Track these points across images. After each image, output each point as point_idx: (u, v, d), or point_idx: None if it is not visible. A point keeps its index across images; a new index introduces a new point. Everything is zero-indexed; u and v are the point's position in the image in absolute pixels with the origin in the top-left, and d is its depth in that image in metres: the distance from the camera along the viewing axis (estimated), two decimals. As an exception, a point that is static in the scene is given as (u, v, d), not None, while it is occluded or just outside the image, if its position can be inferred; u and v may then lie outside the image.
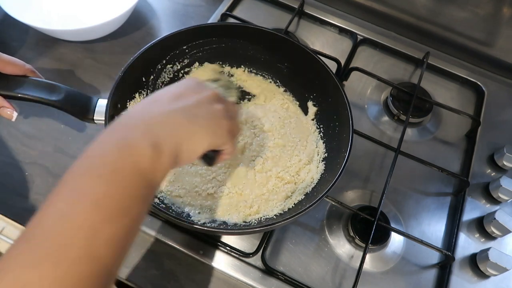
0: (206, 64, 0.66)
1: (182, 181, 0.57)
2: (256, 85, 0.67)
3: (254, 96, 0.67)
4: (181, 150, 0.36)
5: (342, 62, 0.74)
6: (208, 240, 0.56)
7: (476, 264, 0.59)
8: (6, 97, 0.52)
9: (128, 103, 0.57)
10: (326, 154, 0.60)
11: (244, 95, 0.67)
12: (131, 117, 0.36)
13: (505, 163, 0.67)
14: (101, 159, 0.31)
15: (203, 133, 0.38)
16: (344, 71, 0.74)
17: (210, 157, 0.44)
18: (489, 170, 0.69)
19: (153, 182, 0.33)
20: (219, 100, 0.42)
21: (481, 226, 0.63)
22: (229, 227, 0.52)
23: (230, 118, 0.43)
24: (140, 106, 0.38)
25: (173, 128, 0.36)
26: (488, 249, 0.58)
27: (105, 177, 0.30)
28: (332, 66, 0.70)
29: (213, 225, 0.53)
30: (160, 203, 0.53)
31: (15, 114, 0.53)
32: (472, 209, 0.64)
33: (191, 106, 0.39)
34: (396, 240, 0.60)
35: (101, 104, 0.53)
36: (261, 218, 0.54)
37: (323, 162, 0.59)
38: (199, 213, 0.54)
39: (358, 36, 0.80)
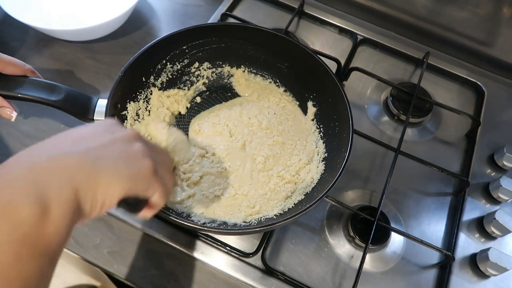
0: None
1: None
2: (250, 85, 0.68)
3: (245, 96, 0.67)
4: (84, 200, 0.29)
5: (342, 62, 0.74)
6: (208, 240, 0.56)
7: (476, 264, 0.59)
8: (6, 97, 0.52)
9: (128, 103, 0.57)
10: (326, 154, 0.60)
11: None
12: (13, 166, 0.29)
13: (505, 163, 0.67)
14: None
15: (112, 178, 0.31)
16: (344, 71, 0.74)
17: (131, 204, 0.36)
18: (489, 170, 0.69)
19: (46, 247, 0.26)
20: (139, 140, 0.36)
21: (481, 226, 0.63)
22: (229, 227, 0.52)
23: (154, 159, 0.36)
24: (30, 150, 0.30)
25: (67, 174, 0.29)
26: (488, 249, 0.58)
27: None
28: (332, 66, 0.70)
29: (213, 225, 0.53)
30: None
31: (14, 114, 0.53)
32: (472, 209, 0.64)
33: (97, 146, 0.32)
34: (396, 240, 0.60)
35: (101, 104, 0.53)
36: (261, 218, 0.54)
37: (323, 162, 0.59)
38: (201, 213, 0.54)
39: (358, 36, 0.80)
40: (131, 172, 0.33)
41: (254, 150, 0.60)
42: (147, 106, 0.61)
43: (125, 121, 0.57)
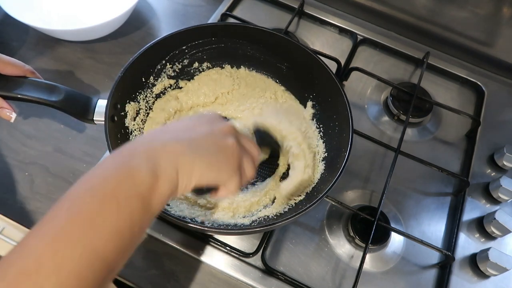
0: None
1: None
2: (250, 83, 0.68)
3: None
4: (180, 180, 0.36)
5: (342, 62, 0.74)
6: (208, 240, 0.56)
7: (476, 264, 0.59)
8: (5, 98, 0.52)
9: (127, 103, 0.57)
10: (326, 154, 0.60)
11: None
12: (136, 144, 0.36)
13: (505, 163, 0.67)
14: (102, 182, 0.31)
15: (203, 166, 0.37)
16: (344, 71, 0.74)
17: (203, 190, 0.41)
18: (489, 170, 0.69)
19: (150, 208, 0.33)
20: (234, 135, 0.41)
21: (481, 226, 0.63)
22: (229, 227, 0.52)
23: (243, 156, 0.41)
24: (147, 135, 0.39)
25: (173, 157, 0.35)
26: (488, 249, 0.58)
27: (103, 197, 0.30)
28: (332, 66, 0.70)
29: (213, 225, 0.52)
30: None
31: (13, 115, 0.53)
32: (472, 209, 0.64)
33: (198, 137, 0.38)
34: (396, 240, 0.60)
35: (101, 104, 0.53)
36: (261, 218, 0.54)
37: (323, 162, 0.59)
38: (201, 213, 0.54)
39: (358, 36, 0.80)
40: (219, 166, 0.39)
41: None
42: (147, 107, 0.61)
43: (125, 119, 0.57)
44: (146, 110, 0.61)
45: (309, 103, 0.64)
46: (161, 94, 0.63)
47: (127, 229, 0.31)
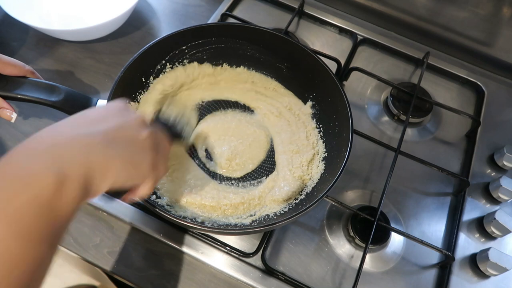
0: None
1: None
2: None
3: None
4: (92, 181, 0.31)
5: (342, 62, 0.74)
6: (208, 240, 0.56)
7: (476, 264, 0.59)
8: (5, 98, 0.52)
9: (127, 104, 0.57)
10: (326, 154, 0.60)
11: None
12: (37, 141, 0.31)
13: (505, 163, 0.67)
14: (6, 201, 0.26)
15: (120, 163, 0.33)
16: (344, 71, 0.74)
17: (116, 192, 0.37)
18: (489, 170, 0.69)
19: (58, 217, 0.28)
20: (146, 127, 0.38)
21: (481, 226, 0.63)
22: (229, 227, 0.52)
23: (156, 150, 0.38)
24: (51, 129, 0.33)
25: (84, 154, 0.31)
26: (488, 249, 0.58)
27: (9, 222, 0.26)
28: (332, 66, 0.70)
29: (213, 225, 0.53)
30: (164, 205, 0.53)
31: (14, 115, 0.53)
32: (472, 209, 0.64)
33: (110, 130, 0.34)
34: (396, 240, 0.60)
35: (101, 104, 0.53)
36: (261, 218, 0.54)
37: (323, 162, 0.59)
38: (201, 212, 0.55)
39: (358, 36, 0.80)
40: (135, 163, 0.35)
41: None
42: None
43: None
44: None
45: (309, 103, 0.64)
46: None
47: (34, 250, 0.26)
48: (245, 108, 0.66)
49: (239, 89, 0.67)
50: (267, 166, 0.61)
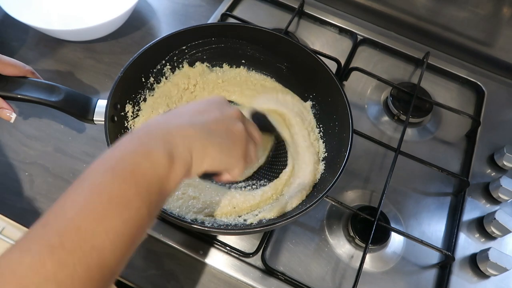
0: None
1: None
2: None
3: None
4: (192, 163, 0.37)
5: (342, 62, 0.74)
6: (208, 240, 0.56)
7: (476, 264, 0.59)
8: (5, 98, 0.52)
9: (127, 104, 0.57)
10: (326, 154, 0.60)
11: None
12: (152, 127, 0.37)
13: (505, 163, 0.67)
14: (121, 163, 0.32)
15: (215, 151, 0.39)
16: (344, 71, 0.74)
17: (208, 174, 0.42)
18: (489, 170, 0.69)
19: (166, 189, 0.34)
20: (242, 120, 0.42)
21: (481, 226, 0.63)
22: (229, 227, 0.52)
23: (249, 142, 0.43)
24: (161, 118, 0.39)
25: (188, 141, 0.37)
26: (488, 249, 0.58)
27: (123, 178, 0.31)
28: (332, 66, 0.70)
29: (213, 225, 0.53)
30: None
31: (13, 116, 0.53)
32: (472, 209, 0.64)
33: (210, 121, 0.39)
34: (396, 240, 0.60)
35: (101, 104, 0.53)
36: (261, 218, 0.54)
37: (323, 162, 0.59)
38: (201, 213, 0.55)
39: (358, 36, 0.80)
40: (228, 151, 0.40)
41: None
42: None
43: (125, 120, 0.57)
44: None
45: (309, 103, 0.64)
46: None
47: (145, 209, 0.32)
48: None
49: (240, 92, 0.67)
50: (268, 166, 0.61)
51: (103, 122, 0.51)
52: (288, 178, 0.58)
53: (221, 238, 0.57)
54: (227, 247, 0.56)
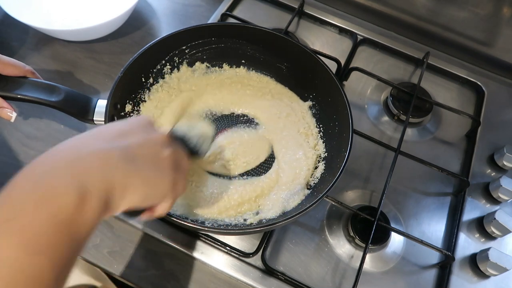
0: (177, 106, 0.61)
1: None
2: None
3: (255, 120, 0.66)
4: (112, 197, 0.31)
5: (342, 62, 0.74)
6: (208, 240, 0.56)
7: (476, 264, 0.59)
8: (5, 98, 0.52)
9: (127, 104, 0.57)
10: (326, 154, 0.60)
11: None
12: (57, 156, 0.31)
13: (505, 163, 0.67)
14: (13, 212, 0.26)
15: (139, 182, 0.33)
16: (344, 71, 0.74)
17: (134, 211, 0.36)
18: (489, 170, 0.69)
19: (77, 235, 0.28)
20: (169, 145, 0.37)
21: (481, 226, 0.63)
22: (229, 227, 0.52)
23: (177, 170, 0.37)
24: (72, 142, 0.32)
25: (105, 170, 0.30)
26: (488, 249, 0.58)
27: (16, 236, 0.25)
28: (332, 66, 0.70)
29: (213, 225, 0.53)
30: None
31: (14, 115, 0.53)
32: (472, 209, 0.64)
33: (133, 146, 0.34)
34: (396, 240, 0.60)
35: (101, 104, 0.53)
36: (261, 218, 0.54)
37: (323, 162, 0.59)
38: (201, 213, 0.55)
39: (358, 36, 0.80)
40: (155, 182, 0.35)
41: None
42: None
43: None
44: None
45: (309, 103, 0.64)
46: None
47: (52, 269, 0.26)
48: (248, 117, 0.66)
49: (240, 93, 0.67)
50: (268, 165, 0.61)
51: (103, 122, 0.51)
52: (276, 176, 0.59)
53: (221, 238, 0.57)
54: (227, 247, 0.56)
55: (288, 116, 0.64)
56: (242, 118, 0.65)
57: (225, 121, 0.64)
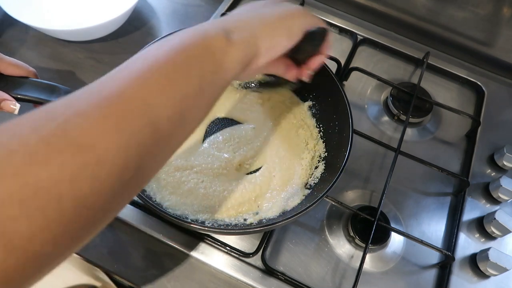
0: None
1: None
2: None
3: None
4: (258, 50, 0.36)
5: (342, 62, 0.74)
6: (208, 240, 0.56)
7: (476, 264, 0.59)
8: (5, 97, 0.51)
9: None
10: (326, 154, 0.60)
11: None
12: (211, 21, 0.37)
13: (505, 163, 0.67)
14: (178, 38, 0.32)
15: (282, 35, 0.38)
16: (344, 71, 0.74)
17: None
18: (489, 170, 0.69)
19: (221, 67, 0.33)
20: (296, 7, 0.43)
21: (481, 226, 0.63)
22: (229, 227, 0.52)
23: (301, 12, 0.42)
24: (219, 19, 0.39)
25: (250, 27, 0.36)
26: (488, 249, 0.58)
27: (177, 50, 0.30)
28: (332, 66, 0.70)
29: (213, 225, 0.53)
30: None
31: (17, 107, 0.52)
32: (472, 209, 0.64)
33: (272, 12, 0.39)
34: (396, 240, 0.60)
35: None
36: (261, 218, 0.54)
37: (323, 162, 0.59)
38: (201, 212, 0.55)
39: (358, 36, 0.80)
40: (292, 25, 0.40)
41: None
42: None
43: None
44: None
45: (309, 103, 0.64)
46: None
47: (198, 81, 0.30)
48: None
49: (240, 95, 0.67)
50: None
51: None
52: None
53: (221, 238, 0.57)
54: (227, 247, 0.56)
55: (287, 116, 0.64)
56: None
57: (225, 123, 0.64)
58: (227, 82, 0.34)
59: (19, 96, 0.51)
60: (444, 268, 0.59)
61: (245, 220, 0.54)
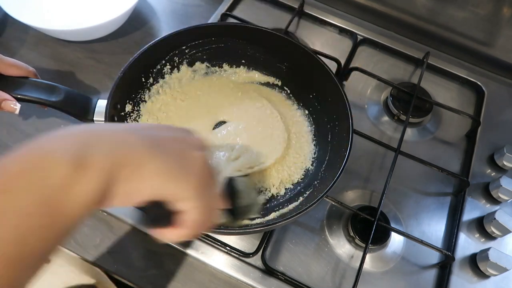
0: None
1: None
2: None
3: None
4: (117, 180, 0.25)
5: (342, 62, 0.74)
6: (208, 240, 0.56)
7: (476, 264, 0.59)
8: (5, 97, 0.51)
9: (127, 104, 0.57)
10: (326, 154, 0.60)
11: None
12: (74, 128, 0.27)
13: (505, 163, 0.67)
14: (4, 170, 0.23)
15: (158, 165, 0.27)
16: (344, 71, 0.74)
17: (155, 216, 0.30)
18: (489, 170, 0.69)
19: (62, 209, 0.23)
20: (203, 149, 0.32)
21: (481, 226, 0.63)
22: (229, 227, 0.52)
23: (206, 177, 0.31)
24: (99, 124, 0.29)
25: (117, 146, 0.26)
26: (488, 249, 0.58)
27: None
28: (332, 66, 0.70)
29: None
30: None
31: (18, 106, 0.52)
32: (472, 209, 0.64)
33: (163, 138, 0.29)
34: (396, 240, 0.60)
35: (101, 104, 0.53)
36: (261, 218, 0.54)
37: (323, 162, 0.59)
38: None
39: (358, 36, 0.80)
40: (177, 171, 0.28)
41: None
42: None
43: (125, 120, 0.57)
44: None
45: (309, 103, 0.64)
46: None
47: (27, 238, 0.22)
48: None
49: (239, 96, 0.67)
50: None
51: (103, 122, 0.51)
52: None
53: (221, 238, 0.57)
54: (227, 247, 0.56)
55: (287, 117, 0.64)
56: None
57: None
58: (70, 227, 0.24)
59: (19, 96, 0.51)
60: (444, 268, 0.59)
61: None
